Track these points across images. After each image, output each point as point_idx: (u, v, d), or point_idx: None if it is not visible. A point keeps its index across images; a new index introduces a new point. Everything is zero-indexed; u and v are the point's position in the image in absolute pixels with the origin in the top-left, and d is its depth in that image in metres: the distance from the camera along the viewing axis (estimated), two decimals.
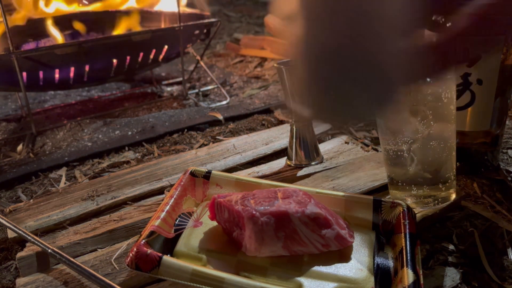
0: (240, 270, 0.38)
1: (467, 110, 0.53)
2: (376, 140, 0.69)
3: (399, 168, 0.46)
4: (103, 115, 0.87)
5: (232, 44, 1.35)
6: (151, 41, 0.85)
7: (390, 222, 0.42)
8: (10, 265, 0.47)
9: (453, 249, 0.45)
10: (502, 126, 0.55)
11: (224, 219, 0.40)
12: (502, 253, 0.44)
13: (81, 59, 0.80)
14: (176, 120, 0.81)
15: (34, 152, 0.72)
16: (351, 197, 0.45)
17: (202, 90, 1.00)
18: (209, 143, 0.72)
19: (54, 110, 0.93)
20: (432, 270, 0.42)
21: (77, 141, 0.75)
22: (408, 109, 0.43)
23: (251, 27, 1.65)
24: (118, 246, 0.44)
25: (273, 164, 0.59)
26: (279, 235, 0.37)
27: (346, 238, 0.39)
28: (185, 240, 0.41)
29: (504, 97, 0.52)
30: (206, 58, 1.28)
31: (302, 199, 0.39)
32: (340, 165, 0.57)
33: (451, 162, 0.46)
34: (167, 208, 0.43)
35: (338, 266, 0.38)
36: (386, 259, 0.39)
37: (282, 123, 0.78)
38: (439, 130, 0.44)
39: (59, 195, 0.55)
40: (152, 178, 0.57)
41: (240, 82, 1.05)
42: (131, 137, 0.75)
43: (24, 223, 0.49)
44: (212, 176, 0.49)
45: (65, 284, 0.39)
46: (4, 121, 0.88)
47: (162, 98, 0.97)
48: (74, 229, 0.47)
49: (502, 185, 0.55)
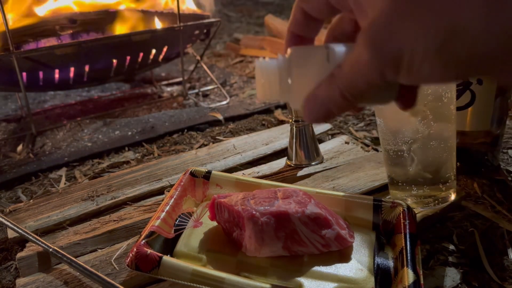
0: (240, 270, 0.38)
1: (467, 110, 0.53)
2: (376, 140, 0.69)
3: (399, 168, 0.46)
4: (103, 115, 0.87)
5: (232, 44, 1.35)
6: (151, 41, 0.85)
7: (390, 222, 0.42)
8: (10, 265, 0.47)
9: (454, 249, 0.45)
10: (502, 126, 0.54)
11: (224, 219, 0.40)
12: (503, 253, 0.44)
13: (81, 59, 0.80)
14: (176, 120, 0.81)
15: (34, 152, 0.72)
16: (351, 197, 0.45)
17: (202, 90, 1.00)
18: (209, 143, 0.72)
19: (54, 110, 0.93)
20: (433, 270, 0.42)
21: (77, 141, 0.75)
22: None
23: (251, 27, 1.65)
24: (118, 246, 0.44)
25: (273, 164, 0.59)
26: (279, 235, 0.37)
27: (346, 238, 0.39)
28: (185, 241, 0.41)
29: (504, 97, 0.52)
30: (206, 58, 1.28)
31: (302, 199, 0.39)
32: (340, 165, 0.57)
33: (452, 162, 0.46)
34: (167, 208, 0.43)
35: (338, 266, 0.38)
36: (386, 259, 0.39)
37: (282, 123, 0.78)
38: (439, 130, 0.44)
39: (59, 195, 0.55)
40: (152, 178, 0.57)
41: (240, 82, 1.05)
42: (131, 137, 0.75)
43: (24, 224, 0.49)
44: (212, 176, 0.49)
45: (65, 284, 0.39)
46: (4, 121, 0.88)
47: (162, 98, 0.97)
48: (74, 230, 0.47)
49: (503, 185, 0.55)
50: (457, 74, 0.22)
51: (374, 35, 0.22)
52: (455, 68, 0.21)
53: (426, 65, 0.21)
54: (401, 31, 0.21)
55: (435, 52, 0.21)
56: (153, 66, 0.99)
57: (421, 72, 0.22)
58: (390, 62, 0.22)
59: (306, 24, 0.29)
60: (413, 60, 0.21)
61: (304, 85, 0.27)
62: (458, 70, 0.21)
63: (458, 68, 0.21)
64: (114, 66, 0.86)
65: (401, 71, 0.22)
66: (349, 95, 0.24)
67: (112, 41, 0.81)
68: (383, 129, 0.46)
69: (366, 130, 0.74)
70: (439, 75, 0.22)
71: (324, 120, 0.26)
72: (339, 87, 0.24)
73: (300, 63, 0.27)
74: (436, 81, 0.23)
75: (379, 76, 0.23)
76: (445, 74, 0.22)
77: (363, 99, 0.25)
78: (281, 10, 1.89)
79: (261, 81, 0.28)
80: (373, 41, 0.22)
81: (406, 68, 0.22)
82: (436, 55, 0.21)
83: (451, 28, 0.20)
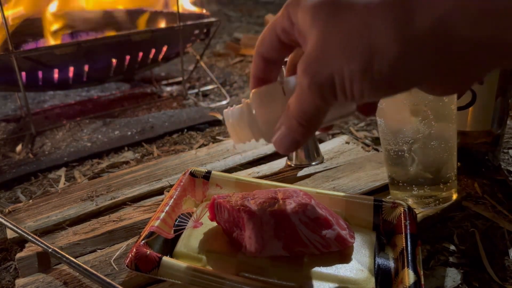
0: (240, 270, 0.37)
1: (468, 110, 0.52)
2: (377, 140, 0.69)
3: (400, 168, 0.46)
4: (103, 115, 0.87)
5: (232, 43, 1.34)
6: (150, 40, 0.85)
7: (391, 222, 0.42)
8: (9, 265, 0.47)
9: (454, 249, 0.45)
10: (503, 126, 0.54)
11: (224, 219, 0.40)
12: (503, 254, 0.44)
13: (80, 59, 0.80)
14: (176, 120, 0.81)
15: (33, 152, 0.72)
16: (352, 197, 0.45)
17: (202, 90, 0.99)
18: (209, 143, 0.72)
19: (54, 110, 0.93)
20: (433, 271, 0.42)
21: (76, 142, 0.75)
22: (409, 109, 0.43)
23: (251, 27, 1.65)
24: (117, 246, 0.44)
25: (273, 164, 0.59)
26: (279, 236, 0.37)
27: (347, 238, 0.38)
28: (185, 241, 0.41)
29: (505, 97, 0.52)
30: (206, 58, 1.28)
31: (302, 200, 0.39)
32: (341, 165, 0.57)
33: (452, 162, 0.46)
34: (167, 208, 0.43)
35: (338, 266, 0.37)
36: (387, 260, 0.39)
37: None
38: (440, 130, 0.44)
39: (58, 195, 0.55)
40: (151, 178, 0.57)
41: (240, 82, 1.05)
42: (130, 137, 0.75)
43: (24, 224, 0.49)
44: (212, 176, 0.49)
45: (65, 284, 0.39)
46: (3, 121, 0.88)
47: (161, 98, 0.97)
48: (74, 230, 0.47)
49: (503, 185, 0.55)
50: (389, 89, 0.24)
51: (308, 63, 0.25)
52: (385, 84, 0.23)
53: (356, 85, 0.23)
54: (330, 57, 0.24)
55: (361, 73, 0.23)
56: (152, 66, 0.99)
57: (354, 92, 0.24)
58: (326, 86, 0.24)
59: (266, 67, 0.31)
60: (343, 83, 0.24)
61: (271, 120, 0.29)
62: (388, 85, 0.23)
63: (387, 84, 0.23)
64: (113, 65, 0.86)
65: (337, 93, 0.24)
66: (304, 122, 0.27)
67: (111, 40, 0.80)
68: (383, 129, 0.46)
69: (367, 130, 0.74)
70: (370, 93, 0.24)
71: (294, 148, 0.29)
72: (294, 116, 0.27)
73: (263, 103, 0.30)
74: (371, 98, 0.24)
75: (321, 100, 0.25)
76: (376, 91, 0.24)
77: (318, 121, 0.27)
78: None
79: (232, 128, 0.31)
80: (308, 69, 0.25)
81: (340, 89, 0.24)
82: (362, 75, 0.23)
83: (369, 49, 0.22)
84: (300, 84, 0.25)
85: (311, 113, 0.26)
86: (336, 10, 0.23)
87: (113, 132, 0.78)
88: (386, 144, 0.46)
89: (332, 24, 0.23)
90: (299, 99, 0.26)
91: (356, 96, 0.24)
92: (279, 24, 0.28)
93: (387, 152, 0.47)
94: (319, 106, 0.26)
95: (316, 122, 0.27)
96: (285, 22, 0.27)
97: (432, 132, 0.43)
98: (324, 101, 0.25)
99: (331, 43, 0.23)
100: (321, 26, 0.24)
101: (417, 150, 0.44)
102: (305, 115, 0.26)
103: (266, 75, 0.32)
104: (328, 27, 0.24)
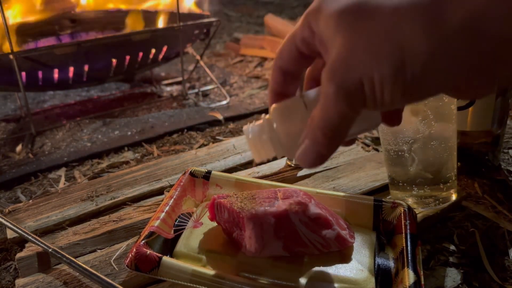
0: (240, 270, 0.37)
1: (468, 110, 0.52)
2: (377, 140, 0.69)
3: (400, 168, 0.46)
4: (103, 115, 0.87)
5: (232, 43, 1.34)
6: (150, 40, 0.85)
7: (391, 222, 0.42)
8: (9, 265, 0.47)
9: (454, 249, 0.45)
10: (503, 126, 0.54)
11: (224, 219, 0.40)
12: (503, 254, 0.44)
13: (80, 59, 0.80)
14: (176, 120, 0.81)
15: (33, 152, 0.72)
16: (352, 197, 0.45)
17: (202, 90, 0.99)
18: (209, 143, 0.72)
19: (53, 110, 0.93)
20: (433, 271, 0.42)
21: (76, 142, 0.75)
22: (409, 109, 0.43)
23: (251, 27, 1.65)
24: (117, 246, 0.44)
25: (273, 164, 0.59)
26: (279, 236, 0.37)
27: (347, 238, 0.38)
28: (184, 241, 0.41)
29: (505, 97, 0.52)
30: (206, 58, 1.28)
31: (302, 200, 0.39)
32: (341, 165, 0.57)
33: (452, 162, 0.46)
34: (167, 208, 0.43)
35: (338, 266, 0.37)
36: (387, 260, 0.39)
37: None
38: (440, 130, 0.44)
39: (58, 195, 0.55)
40: (151, 178, 0.57)
41: (240, 82, 1.05)
42: (130, 137, 0.75)
43: (24, 224, 0.49)
44: (212, 176, 0.49)
45: (65, 284, 0.39)
46: (3, 121, 0.88)
47: (161, 98, 0.97)
48: (74, 230, 0.47)
49: (503, 185, 0.55)
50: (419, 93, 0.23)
51: (334, 70, 0.24)
52: (416, 87, 0.23)
53: (387, 90, 0.23)
54: (359, 62, 0.23)
55: (393, 76, 0.22)
56: (152, 66, 0.99)
57: (384, 97, 0.23)
58: (354, 92, 0.23)
59: (284, 81, 0.30)
60: (373, 87, 0.23)
61: (294, 136, 0.28)
62: (419, 88, 0.23)
63: (419, 87, 0.23)
64: (113, 65, 0.86)
65: (367, 99, 0.24)
66: (329, 132, 0.25)
67: (111, 40, 0.80)
68: (383, 129, 0.46)
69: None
70: (402, 98, 0.23)
71: (319, 163, 0.27)
72: (318, 127, 0.26)
73: (284, 118, 0.29)
74: (401, 103, 0.24)
75: (349, 107, 0.24)
76: (407, 95, 0.23)
77: (344, 132, 0.26)
78: (281, 10, 1.89)
79: (253, 144, 0.30)
80: (334, 76, 0.24)
81: (370, 95, 0.23)
82: (394, 78, 0.22)
83: (401, 50, 0.22)
84: (325, 93, 0.24)
85: (337, 122, 0.25)
86: (362, 14, 0.23)
87: (113, 132, 0.78)
88: (386, 144, 0.46)
89: (359, 28, 0.23)
90: (324, 108, 0.25)
91: (387, 101, 0.23)
92: (299, 35, 0.27)
93: (387, 152, 0.47)
94: (346, 114, 0.24)
95: (342, 132, 0.25)
96: (305, 31, 0.26)
97: (432, 132, 0.43)
98: (352, 108, 0.24)
99: (358, 48, 0.23)
100: (347, 31, 0.23)
101: (417, 150, 0.44)
102: (331, 125, 0.25)
103: (285, 89, 0.31)
104: (355, 32, 0.23)
